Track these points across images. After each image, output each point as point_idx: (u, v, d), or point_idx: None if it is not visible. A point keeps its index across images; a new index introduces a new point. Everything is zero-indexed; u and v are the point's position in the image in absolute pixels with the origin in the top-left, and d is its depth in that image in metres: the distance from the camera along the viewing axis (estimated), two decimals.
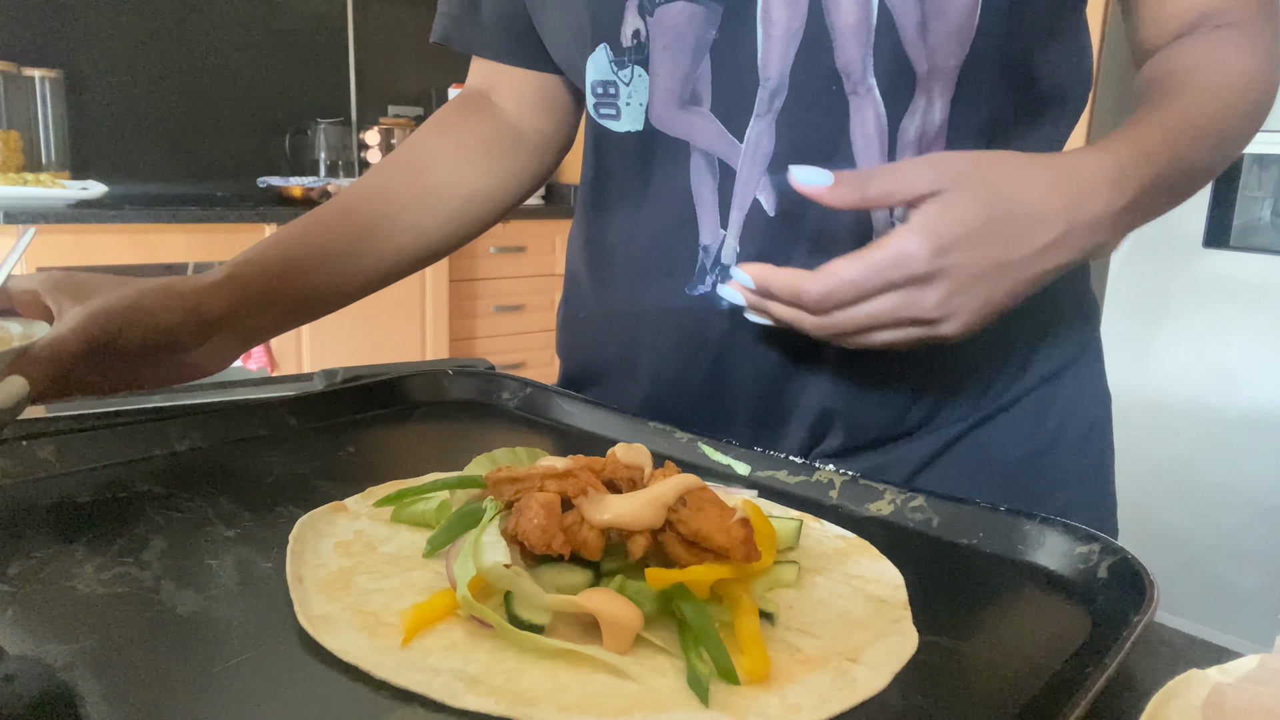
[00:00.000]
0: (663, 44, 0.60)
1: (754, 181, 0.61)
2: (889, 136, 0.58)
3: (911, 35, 0.56)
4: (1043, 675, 0.37)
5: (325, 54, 2.89)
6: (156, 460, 0.56)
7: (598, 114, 0.65)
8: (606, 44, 0.62)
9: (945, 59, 0.56)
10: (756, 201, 0.61)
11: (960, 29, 0.56)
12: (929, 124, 0.58)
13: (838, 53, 0.56)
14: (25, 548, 0.44)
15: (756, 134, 0.59)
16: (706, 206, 0.63)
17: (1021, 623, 0.42)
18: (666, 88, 0.61)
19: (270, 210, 2.35)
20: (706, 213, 0.63)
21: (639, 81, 0.62)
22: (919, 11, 0.55)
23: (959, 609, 0.43)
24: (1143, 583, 0.42)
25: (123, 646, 0.36)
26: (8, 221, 1.99)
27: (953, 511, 0.51)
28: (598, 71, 0.63)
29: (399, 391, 0.70)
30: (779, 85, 0.58)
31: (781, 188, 0.59)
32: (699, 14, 0.58)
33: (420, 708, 0.33)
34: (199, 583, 0.41)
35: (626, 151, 0.65)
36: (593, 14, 0.62)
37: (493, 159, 0.76)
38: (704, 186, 0.62)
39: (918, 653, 0.38)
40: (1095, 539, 0.46)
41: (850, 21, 0.56)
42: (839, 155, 0.59)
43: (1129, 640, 0.37)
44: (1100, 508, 0.71)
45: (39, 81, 2.36)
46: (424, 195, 0.72)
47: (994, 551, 0.48)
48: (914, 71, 0.57)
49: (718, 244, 0.63)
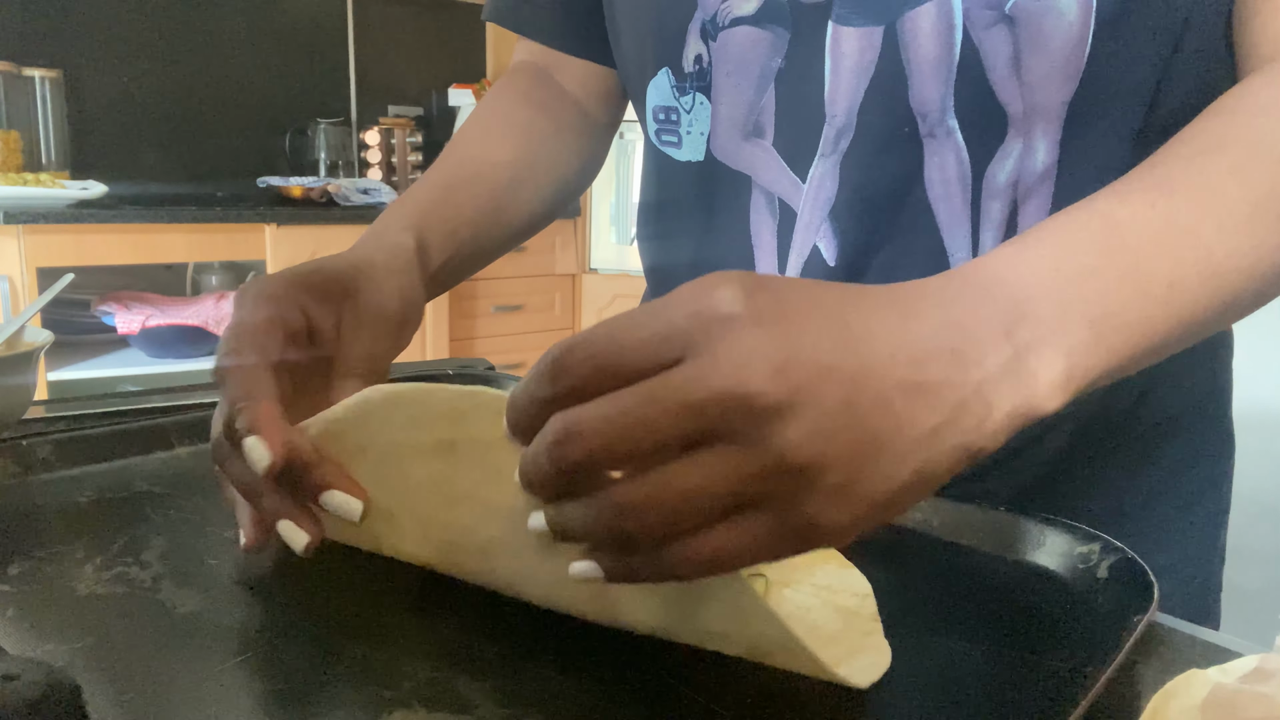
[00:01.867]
0: (725, 70, 0.56)
1: (815, 226, 0.55)
2: (973, 184, 0.52)
3: (1002, 73, 0.49)
4: (1043, 675, 0.37)
5: (325, 54, 2.89)
6: (156, 460, 0.56)
7: (659, 140, 0.62)
8: (669, 68, 0.59)
9: (1048, 97, 0.49)
10: (816, 248, 0.56)
11: (1066, 63, 0.48)
12: (1027, 170, 0.51)
13: (913, 91, 0.50)
14: (25, 548, 0.44)
15: (819, 175, 0.54)
16: (765, 249, 0.58)
17: (1022, 623, 0.42)
18: (729, 117, 0.57)
19: (270, 210, 2.35)
20: (764, 255, 0.58)
21: (700, 109, 0.58)
22: (1011, 46, 0.48)
23: (958, 609, 0.43)
24: (1143, 582, 0.42)
25: (123, 646, 0.36)
26: (8, 221, 1.99)
27: (953, 511, 0.51)
28: (659, 96, 0.60)
29: None
30: (845, 124, 0.53)
31: (844, 234, 0.55)
32: (764, 40, 0.54)
33: (420, 708, 0.33)
34: (199, 583, 0.41)
35: (687, 182, 0.61)
36: (656, 36, 0.59)
37: (581, 140, 0.73)
38: (763, 227, 0.58)
39: (917, 653, 0.38)
40: (1095, 539, 0.46)
41: (930, 56, 0.49)
42: (910, 203, 0.52)
43: (1129, 640, 0.37)
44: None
45: (39, 81, 2.36)
46: (536, 169, 0.68)
47: (994, 551, 0.48)
48: (1004, 112, 0.50)
49: None
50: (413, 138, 2.86)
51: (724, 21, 0.55)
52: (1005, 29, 0.48)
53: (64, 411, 0.65)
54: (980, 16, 0.48)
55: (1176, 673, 0.35)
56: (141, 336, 2.27)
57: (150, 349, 2.33)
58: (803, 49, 0.53)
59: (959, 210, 0.52)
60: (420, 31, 3.06)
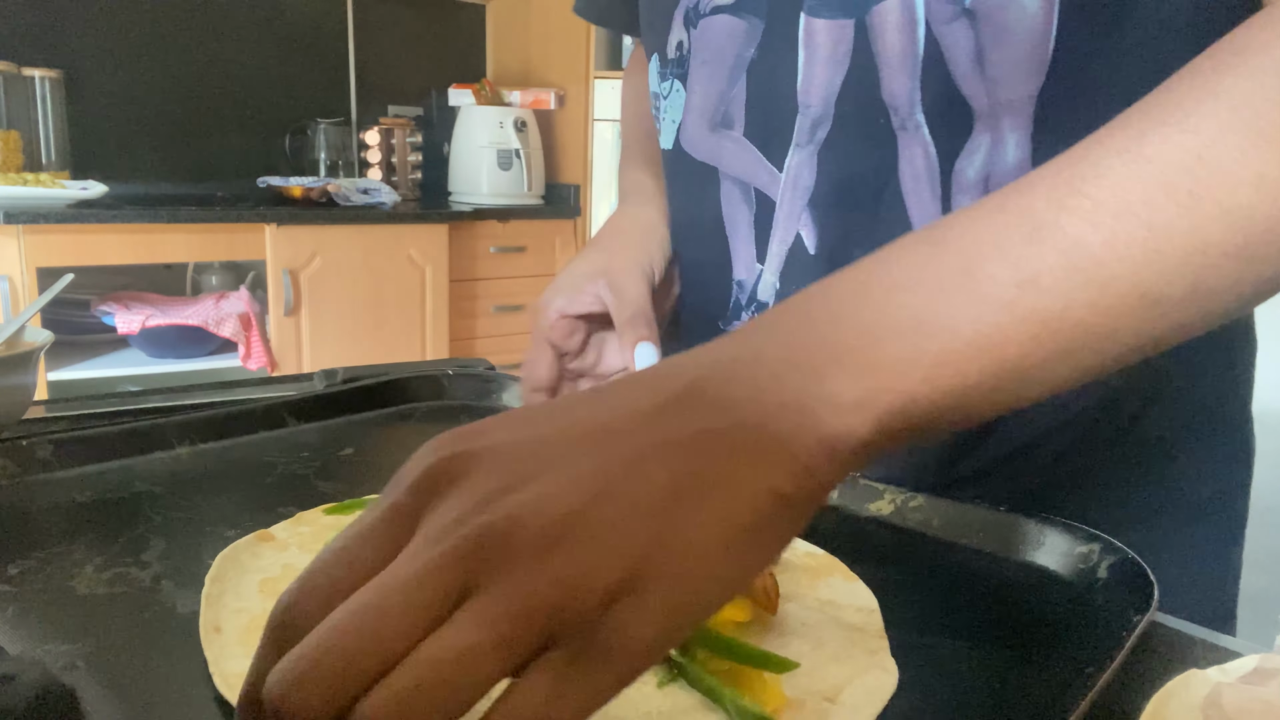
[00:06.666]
0: (702, 59, 0.56)
1: (796, 215, 0.55)
2: (942, 179, 0.50)
3: (965, 68, 0.48)
4: (1043, 675, 0.37)
5: (325, 54, 2.89)
6: (156, 460, 0.56)
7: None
8: (658, 54, 0.60)
9: (1014, 90, 0.47)
10: (800, 236, 0.55)
11: (1030, 56, 0.46)
12: (998, 164, 0.49)
13: (883, 85, 0.50)
14: (25, 548, 0.44)
15: (796, 165, 0.54)
16: (742, 239, 0.58)
17: (1022, 623, 0.42)
18: (699, 106, 0.57)
19: (270, 210, 2.35)
20: (741, 245, 0.58)
21: (675, 97, 0.59)
22: (973, 42, 0.47)
23: (958, 609, 0.43)
24: (1143, 582, 0.41)
25: (123, 646, 0.36)
26: (8, 221, 1.99)
27: (953, 511, 0.51)
28: (653, 82, 0.61)
29: (399, 391, 0.70)
30: (822, 114, 0.52)
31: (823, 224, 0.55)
32: (740, 29, 0.54)
33: None
34: (199, 583, 0.41)
35: (667, 169, 0.63)
36: (648, 22, 0.60)
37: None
38: (739, 217, 0.58)
39: (917, 653, 0.38)
40: (1096, 539, 0.46)
41: (896, 50, 0.49)
42: (887, 195, 0.52)
43: (1129, 640, 0.37)
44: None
45: (39, 81, 2.36)
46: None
47: (994, 551, 0.48)
48: (969, 107, 0.49)
49: (753, 279, 0.58)
50: (413, 138, 2.86)
51: (705, 9, 0.56)
52: (966, 23, 0.47)
53: (64, 411, 0.65)
54: (940, 11, 0.48)
55: (1176, 673, 0.35)
56: (141, 336, 2.27)
57: (150, 349, 2.33)
58: (775, 40, 0.53)
59: (928, 204, 0.51)
60: (420, 31, 3.06)
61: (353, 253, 2.47)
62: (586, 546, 0.23)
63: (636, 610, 0.23)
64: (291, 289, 2.36)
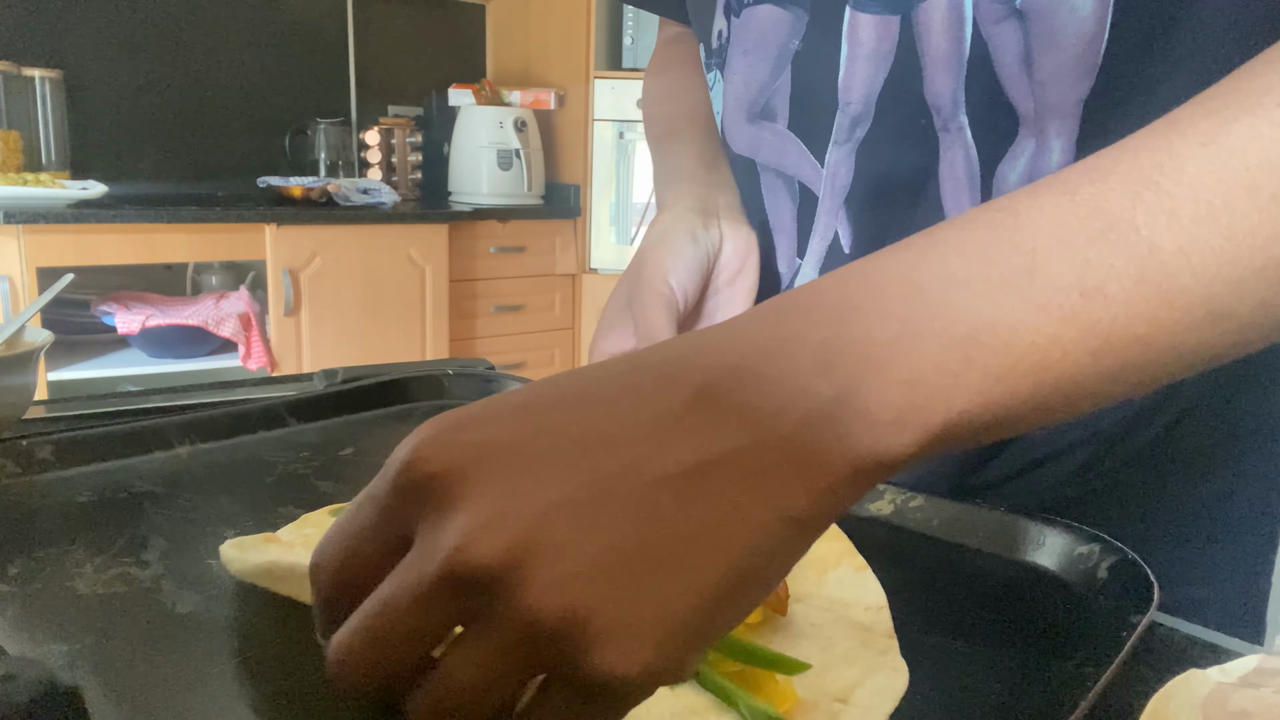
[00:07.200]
0: (742, 49, 0.54)
1: (834, 212, 0.54)
2: (983, 184, 0.49)
3: (1012, 70, 0.46)
4: (1043, 675, 0.37)
5: (325, 54, 2.89)
6: (156, 460, 0.56)
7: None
8: (704, 43, 0.59)
9: (1062, 95, 0.46)
10: (837, 234, 0.54)
11: (1080, 60, 0.45)
12: (1042, 170, 0.48)
13: (927, 84, 0.48)
14: (25, 548, 0.43)
15: (835, 162, 0.53)
16: (784, 232, 0.57)
17: (1022, 623, 0.42)
18: (738, 97, 0.56)
19: (270, 210, 2.35)
20: (783, 238, 0.57)
21: (717, 88, 0.57)
22: (1021, 43, 0.45)
23: (959, 609, 0.43)
24: (1143, 583, 0.41)
25: (123, 646, 0.36)
26: (8, 221, 1.99)
27: (953, 511, 0.51)
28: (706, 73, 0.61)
29: (399, 391, 0.70)
30: (862, 112, 0.51)
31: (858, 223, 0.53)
32: (784, 20, 0.52)
33: None
34: (199, 583, 0.41)
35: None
36: (694, 10, 0.59)
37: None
38: (783, 210, 0.57)
39: (916, 652, 0.38)
40: (1096, 539, 0.46)
41: (941, 50, 0.48)
42: (925, 198, 0.50)
43: (1129, 640, 0.37)
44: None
45: (39, 81, 2.36)
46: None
47: (994, 551, 0.48)
48: (1014, 111, 0.47)
49: (792, 272, 0.58)
50: (412, 138, 2.87)
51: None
52: (1016, 24, 0.46)
53: (64, 411, 0.65)
54: (990, 11, 0.46)
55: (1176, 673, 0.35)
56: (141, 336, 2.27)
57: (150, 349, 2.33)
58: (819, 33, 0.51)
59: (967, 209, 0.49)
60: (420, 31, 3.06)
61: (353, 253, 2.47)
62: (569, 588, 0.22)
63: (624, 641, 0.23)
64: (291, 289, 2.36)
